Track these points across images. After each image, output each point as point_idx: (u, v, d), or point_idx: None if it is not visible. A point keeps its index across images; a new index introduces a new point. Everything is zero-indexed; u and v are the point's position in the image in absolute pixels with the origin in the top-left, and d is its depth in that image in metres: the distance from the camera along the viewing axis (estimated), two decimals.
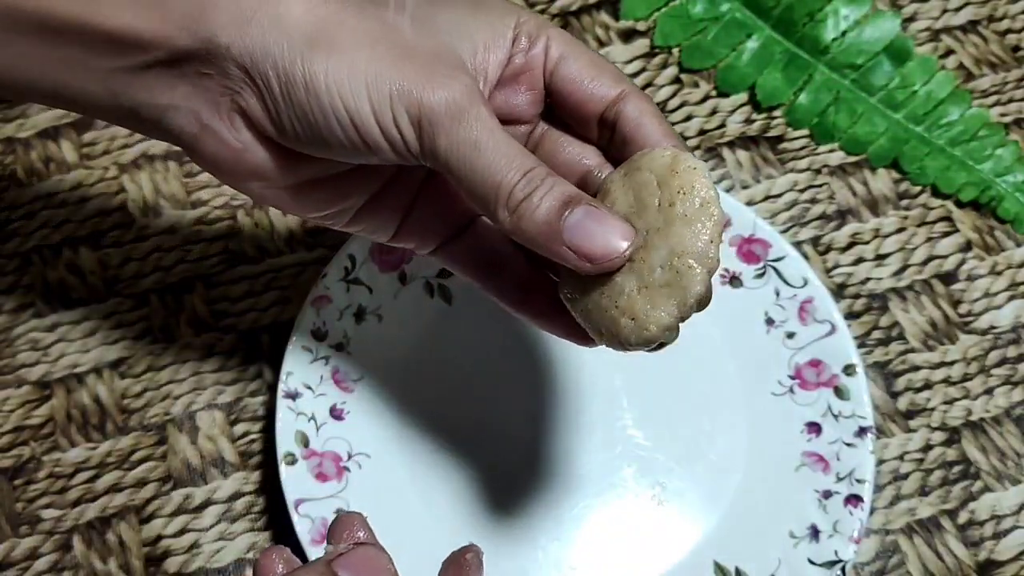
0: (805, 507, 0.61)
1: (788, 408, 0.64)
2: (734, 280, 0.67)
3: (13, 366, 0.69)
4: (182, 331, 0.70)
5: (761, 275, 0.67)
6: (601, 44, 0.79)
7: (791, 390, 0.65)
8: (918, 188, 0.74)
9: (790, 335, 0.66)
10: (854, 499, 0.60)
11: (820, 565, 0.59)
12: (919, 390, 0.68)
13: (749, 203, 0.73)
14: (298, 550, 0.54)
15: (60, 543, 0.64)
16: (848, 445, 0.62)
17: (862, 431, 0.62)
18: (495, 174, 0.44)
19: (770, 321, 0.66)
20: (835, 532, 0.60)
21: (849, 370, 0.64)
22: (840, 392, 0.63)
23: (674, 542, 0.62)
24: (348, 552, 0.45)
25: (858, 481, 0.61)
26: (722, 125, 0.76)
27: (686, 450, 0.64)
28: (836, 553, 0.59)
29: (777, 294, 0.66)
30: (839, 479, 0.61)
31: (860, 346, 0.68)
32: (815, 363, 0.65)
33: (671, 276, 0.43)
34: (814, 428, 0.63)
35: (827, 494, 0.61)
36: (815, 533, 0.60)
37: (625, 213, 0.44)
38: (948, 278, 0.71)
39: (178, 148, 0.74)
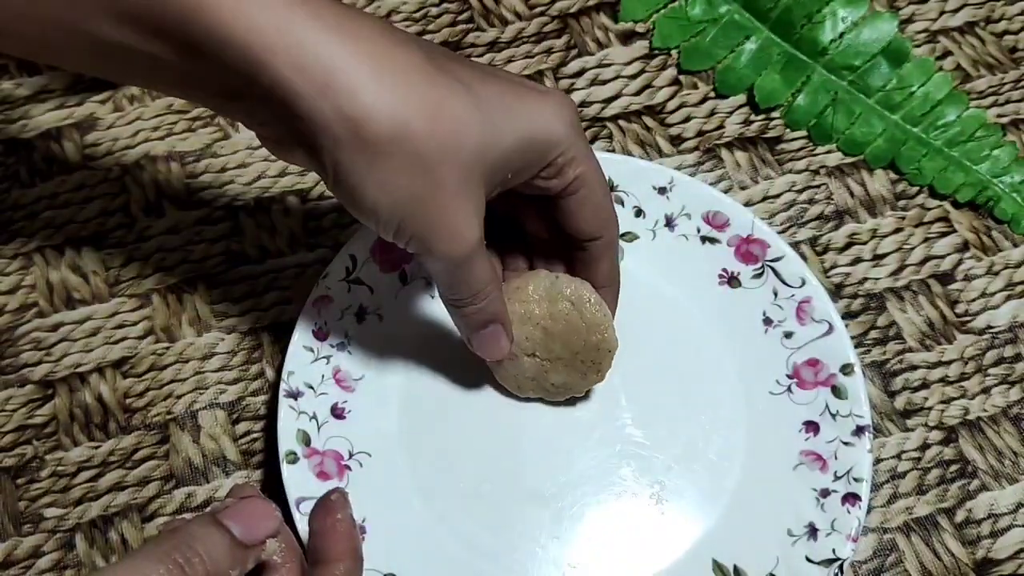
0: (803, 505, 0.61)
1: (786, 407, 0.64)
2: (732, 280, 0.67)
3: (16, 365, 0.69)
4: (184, 331, 0.70)
5: (759, 275, 0.67)
6: (600, 46, 0.79)
7: (789, 389, 0.65)
8: (915, 189, 0.74)
9: (788, 335, 0.66)
10: (852, 498, 0.61)
11: (818, 563, 0.59)
12: (916, 389, 0.68)
13: (747, 204, 0.73)
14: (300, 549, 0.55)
15: (63, 542, 0.64)
16: (846, 444, 0.62)
17: (859, 430, 0.62)
18: (461, 292, 0.57)
19: (768, 321, 0.66)
20: (833, 530, 0.60)
21: (847, 369, 0.64)
22: (838, 391, 0.64)
23: (673, 540, 0.62)
24: (233, 504, 0.49)
25: (855, 480, 0.61)
26: (720, 126, 0.76)
27: (685, 449, 0.64)
28: (834, 551, 0.59)
29: (775, 294, 0.66)
30: (837, 478, 0.61)
31: (857, 345, 0.68)
32: (813, 362, 0.65)
33: (558, 389, 0.64)
34: (812, 427, 0.63)
35: (825, 493, 0.61)
36: (813, 531, 0.60)
37: (544, 330, 0.62)
38: (945, 278, 0.71)
39: (180, 149, 0.75)
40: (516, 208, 0.63)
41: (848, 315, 0.70)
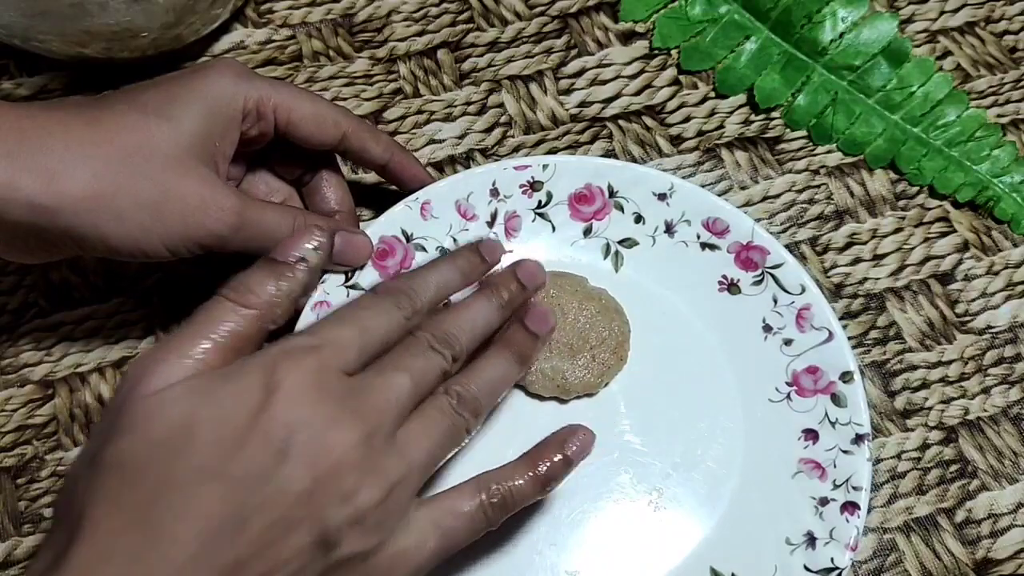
0: (802, 514, 0.61)
1: (785, 415, 0.64)
2: (732, 287, 0.67)
3: (16, 365, 0.70)
4: None
5: (759, 282, 0.67)
6: (600, 46, 0.79)
7: (788, 397, 0.65)
8: (915, 188, 0.74)
9: (787, 342, 0.66)
10: (850, 506, 0.61)
11: (816, 572, 0.60)
12: (916, 389, 0.68)
13: (747, 204, 0.73)
14: None
15: None
16: (845, 452, 0.62)
17: (859, 438, 0.62)
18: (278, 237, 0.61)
19: (768, 328, 0.66)
20: (831, 539, 0.60)
21: (846, 377, 0.64)
22: (837, 399, 0.64)
23: (671, 548, 0.62)
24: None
25: (854, 488, 0.61)
26: (720, 126, 0.76)
27: (683, 456, 0.64)
28: (832, 560, 0.60)
29: (775, 301, 0.66)
30: (836, 486, 0.61)
31: (857, 346, 0.68)
32: (812, 370, 0.65)
33: (579, 381, 0.66)
34: (811, 435, 0.63)
35: (824, 501, 0.61)
36: (811, 540, 0.61)
37: (580, 329, 0.66)
38: (945, 278, 0.71)
39: None
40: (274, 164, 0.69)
41: (848, 315, 0.70)
